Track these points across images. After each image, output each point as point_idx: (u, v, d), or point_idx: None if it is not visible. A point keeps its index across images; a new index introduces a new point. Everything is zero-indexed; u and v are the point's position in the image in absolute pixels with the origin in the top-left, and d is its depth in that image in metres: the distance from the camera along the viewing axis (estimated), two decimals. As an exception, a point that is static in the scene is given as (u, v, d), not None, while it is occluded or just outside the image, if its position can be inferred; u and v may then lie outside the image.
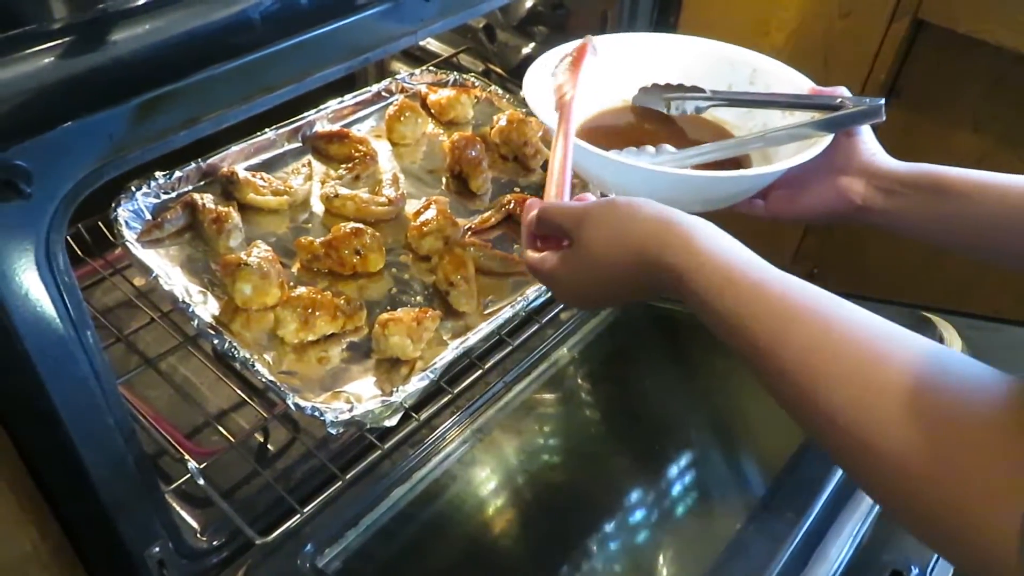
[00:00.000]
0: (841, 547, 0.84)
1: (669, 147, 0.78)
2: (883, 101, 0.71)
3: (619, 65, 0.88)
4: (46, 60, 0.52)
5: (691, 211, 0.80)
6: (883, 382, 0.43)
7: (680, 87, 0.85)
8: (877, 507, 0.89)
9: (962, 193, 0.67)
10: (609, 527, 0.95)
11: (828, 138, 0.73)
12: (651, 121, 0.88)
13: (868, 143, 0.74)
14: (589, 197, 0.67)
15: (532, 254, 0.67)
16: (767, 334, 0.48)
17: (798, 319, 0.48)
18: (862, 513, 0.88)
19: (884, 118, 0.71)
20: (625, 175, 0.75)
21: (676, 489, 0.99)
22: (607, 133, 0.87)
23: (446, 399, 0.97)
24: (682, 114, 0.85)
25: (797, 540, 0.86)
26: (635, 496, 0.99)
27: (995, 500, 0.38)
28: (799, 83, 0.82)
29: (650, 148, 0.79)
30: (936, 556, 0.83)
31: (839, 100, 0.74)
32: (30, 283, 0.57)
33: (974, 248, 0.70)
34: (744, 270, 0.52)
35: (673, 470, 1.01)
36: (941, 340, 1.10)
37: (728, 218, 0.78)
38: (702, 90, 0.84)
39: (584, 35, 0.88)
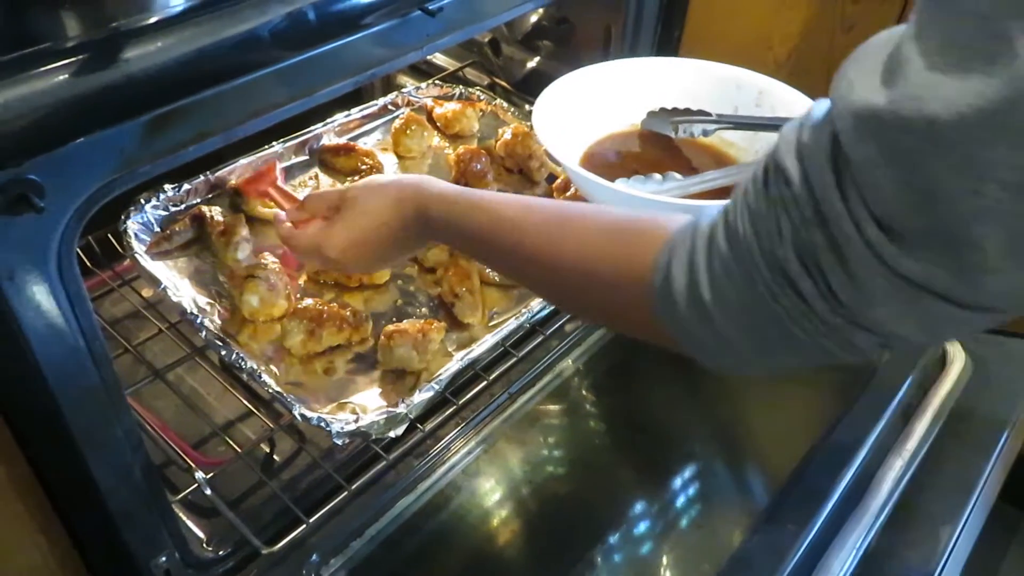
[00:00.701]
0: (844, 559, 0.85)
1: (676, 175, 0.79)
2: None
3: (627, 89, 0.88)
4: (60, 77, 0.53)
5: None
6: (568, 219, 0.60)
7: (687, 111, 0.86)
8: (881, 519, 0.89)
9: None
10: (613, 539, 0.95)
11: None
12: (658, 146, 0.89)
13: None
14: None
15: (291, 230, 0.79)
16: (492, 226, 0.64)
17: (532, 208, 0.63)
18: (866, 525, 0.88)
19: None
20: (632, 205, 0.76)
21: (680, 501, 1.00)
22: (614, 158, 0.88)
23: (451, 410, 0.98)
24: (689, 137, 0.86)
25: (800, 552, 0.86)
26: (639, 507, 0.99)
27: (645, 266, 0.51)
28: (804, 105, 0.82)
29: (657, 176, 0.79)
30: (938, 568, 0.83)
31: None
32: (41, 294, 0.58)
33: None
34: (479, 196, 0.67)
35: (677, 482, 1.02)
36: (944, 352, 1.11)
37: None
38: (708, 114, 0.85)
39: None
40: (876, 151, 0.37)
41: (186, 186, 1.08)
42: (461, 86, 1.38)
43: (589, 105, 0.87)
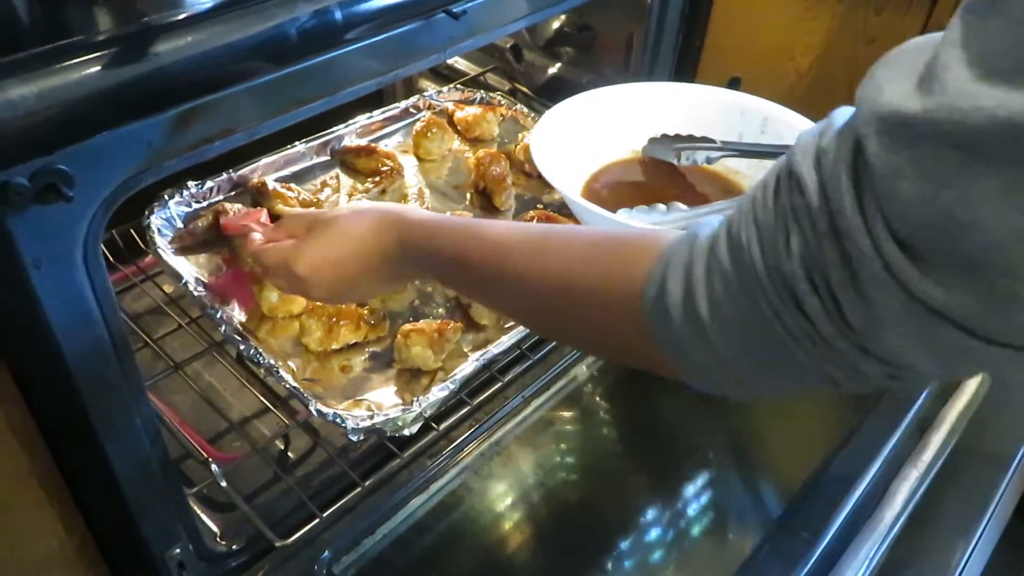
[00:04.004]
0: (857, 569, 0.84)
1: (680, 205, 0.77)
2: None
3: (627, 115, 0.86)
4: (91, 69, 0.54)
5: None
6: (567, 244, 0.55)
7: (690, 137, 0.83)
8: (895, 530, 0.88)
9: None
10: (624, 545, 0.95)
11: None
12: (660, 173, 0.86)
13: None
14: None
15: (261, 245, 0.75)
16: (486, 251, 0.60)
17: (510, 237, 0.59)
18: (879, 535, 0.87)
19: None
20: None
21: (692, 508, 0.99)
22: (616, 187, 0.86)
23: (465, 411, 0.98)
24: (692, 164, 0.84)
25: (813, 561, 0.86)
26: (651, 514, 0.99)
27: (633, 283, 0.48)
28: None
29: (661, 206, 0.77)
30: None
31: None
32: (67, 283, 0.59)
33: None
34: (462, 222, 0.65)
35: (689, 489, 1.01)
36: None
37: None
38: (712, 140, 0.83)
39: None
40: (904, 161, 0.34)
41: (209, 183, 1.10)
42: (482, 91, 1.39)
43: (587, 133, 0.84)
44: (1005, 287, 0.33)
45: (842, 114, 0.40)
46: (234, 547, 0.89)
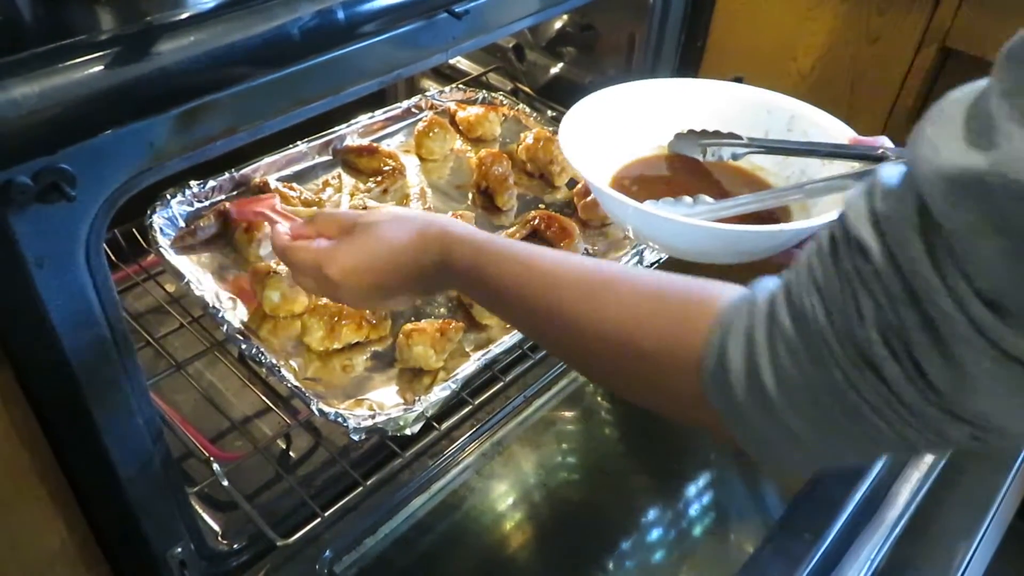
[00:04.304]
0: (859, 570, 0.84)
1: (707, 198, 0.76)
2: None
3: (654, 111, 0.86)
4: (94, 69, 0.54)
5: (728, 263, 0.76)
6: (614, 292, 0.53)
7: (716, 133, 0.83)
8: (896, 531, 0.88)
9: None
10: (626, 545, 0.95)
11: None
12: (686, 169, 0.86)
13: None
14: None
15: (289, 242, 0.72)
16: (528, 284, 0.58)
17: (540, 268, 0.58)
18: (881, 536, 0.87)
19: None
20: (662, 227, 0.74)
21: (694, 508, 0.99)
22: (642, 182, 0.86)
23: (467, 411, 0.98)
24: (718, 160, 0.84)
25: (814, 562, 0.86)
26: (652, 514, 0.99)
27: (688, 349, 0.47)
28: (838, 130, 0.80)
29: (687, 199, 0.77)
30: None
31: (880, 151, 0.73)
32: (70, 283, 0.59)
33: None
34: (509, 245, 0.62)
35: (691, 489, 1.02)
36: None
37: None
38: (739, 137, 0.82)
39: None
40: (978, 219, 0.33)
41: (211, 183, 1.10)
42: (484, 91, 1.39)
43: (614, 127, 0.84)
44: None
45: (889, 172, 0.39)
46: (235, 546, 0.89)
